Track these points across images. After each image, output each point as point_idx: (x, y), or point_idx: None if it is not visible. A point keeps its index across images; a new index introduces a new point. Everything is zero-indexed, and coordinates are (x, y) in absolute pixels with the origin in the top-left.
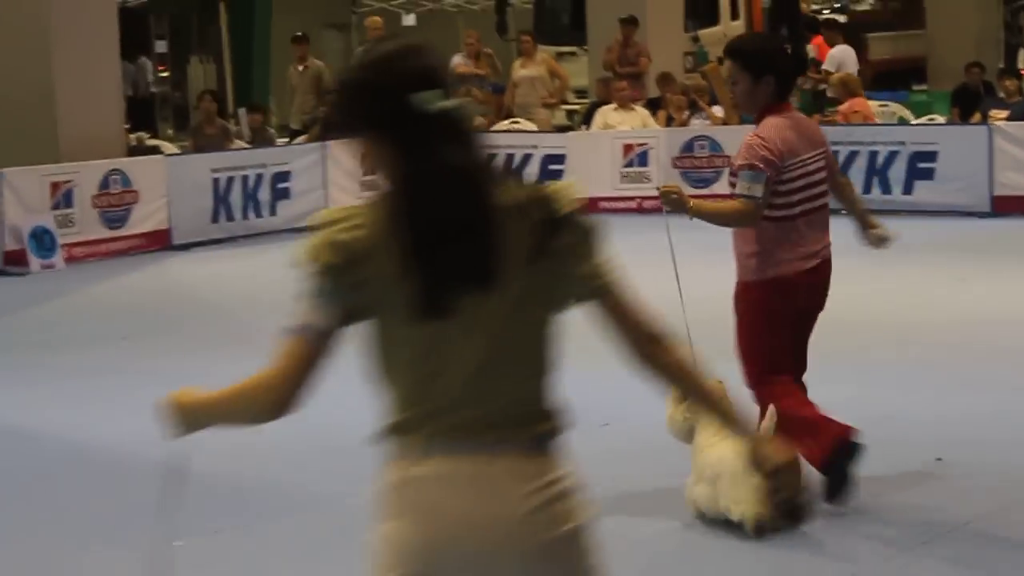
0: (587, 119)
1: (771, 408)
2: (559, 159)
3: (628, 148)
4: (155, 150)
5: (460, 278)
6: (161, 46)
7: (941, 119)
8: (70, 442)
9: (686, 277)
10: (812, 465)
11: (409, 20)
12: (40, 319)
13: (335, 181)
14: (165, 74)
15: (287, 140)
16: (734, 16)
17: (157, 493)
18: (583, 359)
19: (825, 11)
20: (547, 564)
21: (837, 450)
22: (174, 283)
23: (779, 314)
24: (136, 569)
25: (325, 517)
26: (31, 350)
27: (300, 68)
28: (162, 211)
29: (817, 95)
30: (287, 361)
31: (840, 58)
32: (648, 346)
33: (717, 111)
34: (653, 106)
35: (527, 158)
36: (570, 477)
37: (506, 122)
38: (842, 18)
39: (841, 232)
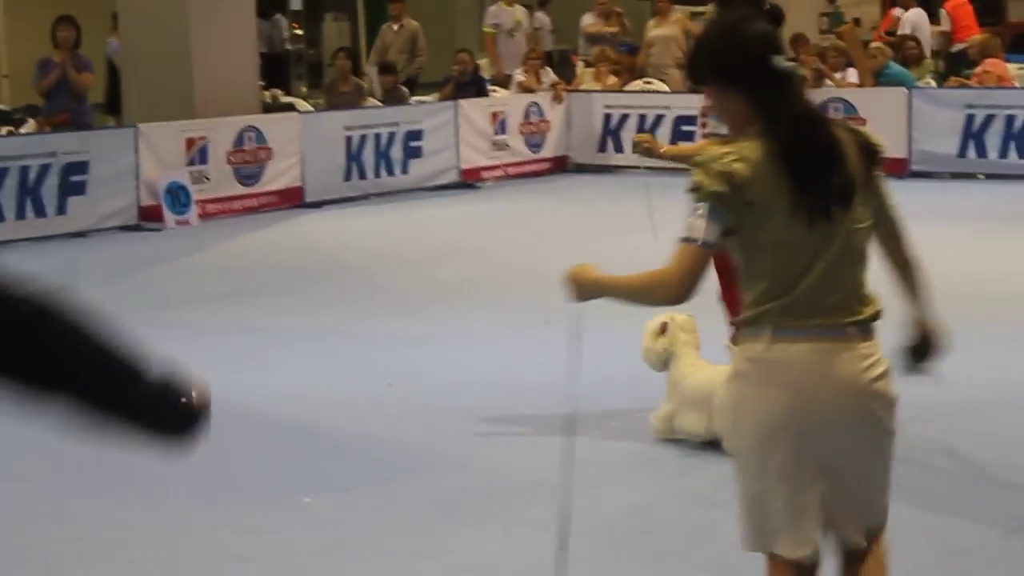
0: None
1: None
2: (691, 120)
3: None
4: (289, 107)
5: (833, 195)
6: (296, 3)
7: None
8: None
9: None
10: None
11: None
12: (174, 275)
13: (466, 139)
14: (300, 32)
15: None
16: None
17: (289, 449)
18: None
19: None
20: (872, 428)
21: None
22: (306, 240)
23: None
24: (267, 524)
25: (453, 477)
26: (164, 306)
27: (395, 27)
28: (295, 168)
29: (953, 57)
30: (685, 266)
31: (915, 20)
32: (902, 263)
33: (851, 75)
34: None
35: (659, 119)
36: (884, 358)
37: (639, 82)
38: None
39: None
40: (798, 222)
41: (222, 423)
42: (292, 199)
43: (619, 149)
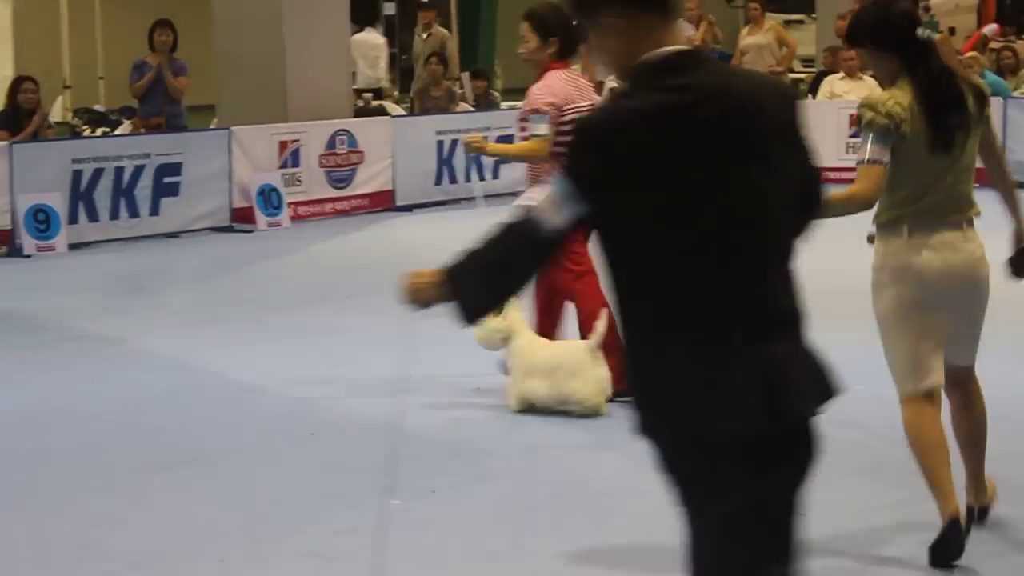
0: (813, 88)
1: None
2: None
3: (854, 118)
4: (381, 111)
5: (960, 128)
6: (389, 8)
7: None
8: (291, 399)
9: None
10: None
11: None
12: (264, 277)
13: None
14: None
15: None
16: None
17: (378, 450)
18: None
19: None
20: (979, 290)
21: None
22: (396, 244)
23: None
24: (354, 525)
25: (539, 481)
26: (256, 307)
27: (424, 36)
28: (386, 172)
29: None
30: (871, 180)
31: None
32: (1004, 187)
33: None
34: None
35: None
36: (982, 242)
37: None
38: None
39: None
40: (930, 149)
41: (312, 424)
42: (383, 203)
43: None
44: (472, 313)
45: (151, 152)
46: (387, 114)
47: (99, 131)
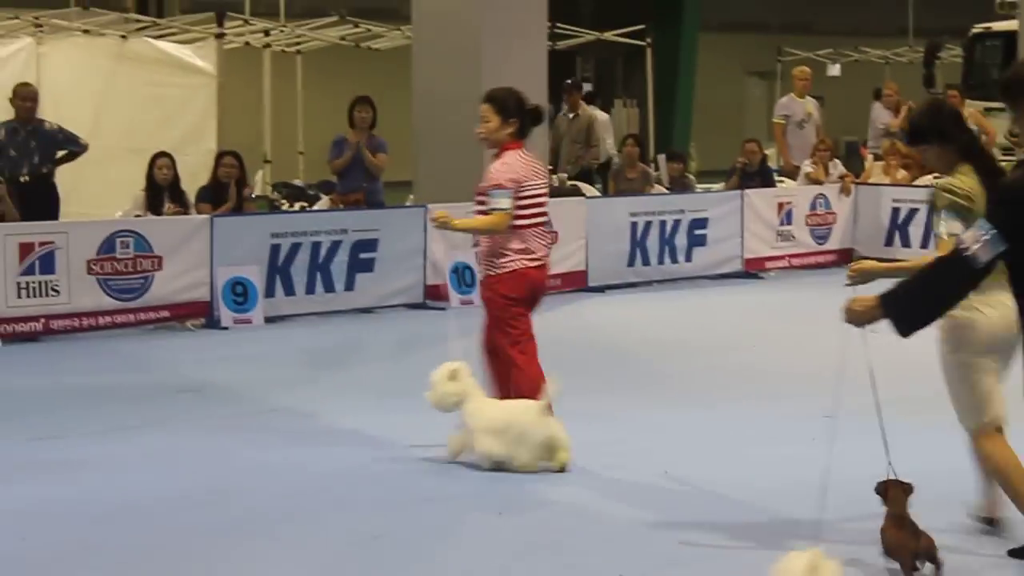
0: None
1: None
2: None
3: None
4: (576, 191)
5: None
6: (586, 89)
7: None
8: (479, 477)
9: None
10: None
11: (834, 71)
12: (457, 354)
13: (751, 229)
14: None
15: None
16: None
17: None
18: None
19: None
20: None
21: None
22: (588, 324)
23: (519, 298)
24: None
25: (727, 569)
26: None
27: (571, 116)
28: (579, 252)
29: None
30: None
31: None
32: None
33: None
34: None
35: None
36: None
37: (929, 177)
38: None
39: None
40: None
41: (495, 501)
42: (576, 283)
43: (906, 243)
44: (908, 328)
45: (348, 228)
46: (582, 194)
47: (297, 205)
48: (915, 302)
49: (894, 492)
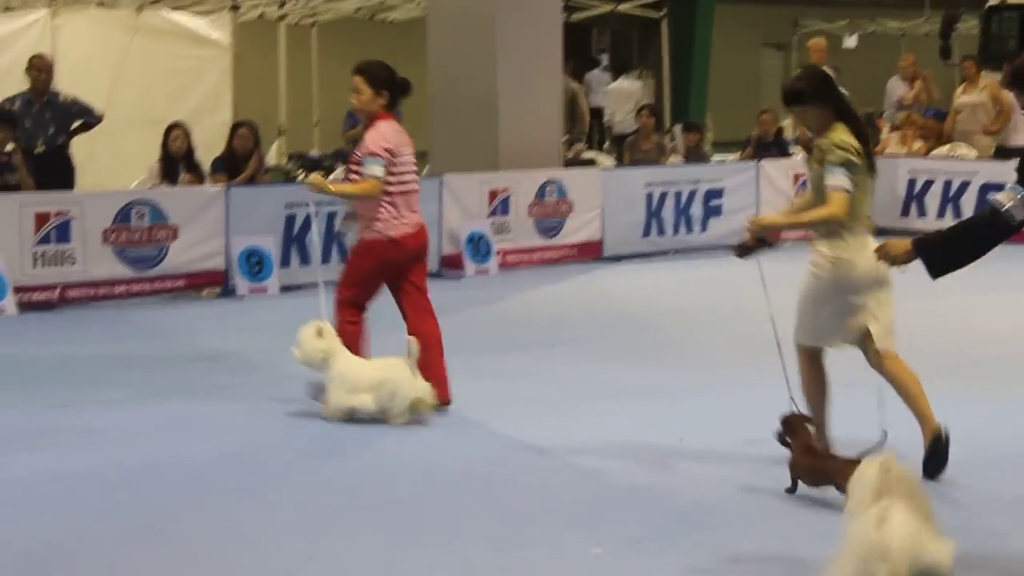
0: None
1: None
2: (999, 187)
3: None
4: (590, 162)
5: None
6: (602, 60)
7: None
8: (495, 442)
9: None
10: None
11: (850, 42)
12: (471, 323)
13: (766, 199)
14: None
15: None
16: None
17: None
18: None
19: None
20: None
21: None
22: (603, 294)
23: (388, 266)
24: (555, 572)
25: (749, 534)
26: (460, 353)
27: None
28: (595, 223)
29: None
30: (844, 200)
31: None
32: None
33: None
34: None
35: (964, 185)
36: None
37: (945, 148)
38: None
39: None
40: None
41: (514, 469)
42: (591, 253)
43: (922, 214)
44: (938, 271)
45: None
46: (596, 165)
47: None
48: (949, 249)
49: (797, 424)
